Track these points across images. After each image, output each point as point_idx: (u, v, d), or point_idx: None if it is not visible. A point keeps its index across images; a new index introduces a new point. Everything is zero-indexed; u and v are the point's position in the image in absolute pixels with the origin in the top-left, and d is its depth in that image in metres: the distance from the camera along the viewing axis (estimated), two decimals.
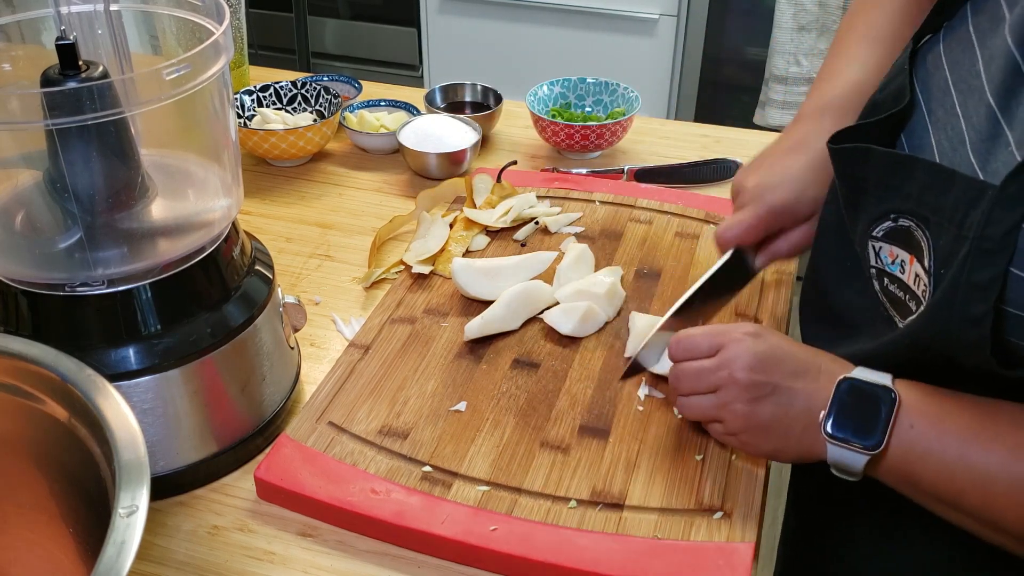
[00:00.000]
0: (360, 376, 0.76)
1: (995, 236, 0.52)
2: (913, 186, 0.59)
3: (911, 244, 0.60)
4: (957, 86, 0.60)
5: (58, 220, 0.62)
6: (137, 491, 0.45)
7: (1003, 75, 0.56)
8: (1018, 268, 0.52)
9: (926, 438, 0.58)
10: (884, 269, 0.64)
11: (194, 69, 0.59)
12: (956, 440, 0.57)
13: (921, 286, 0.60)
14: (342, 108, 1.14)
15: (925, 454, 0.58)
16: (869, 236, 0.64)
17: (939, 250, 0.57)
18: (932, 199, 0.57)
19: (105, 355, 0.62)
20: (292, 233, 1.00)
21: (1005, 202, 0.51)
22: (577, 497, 0.66)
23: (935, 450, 0.58)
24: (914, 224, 0.59)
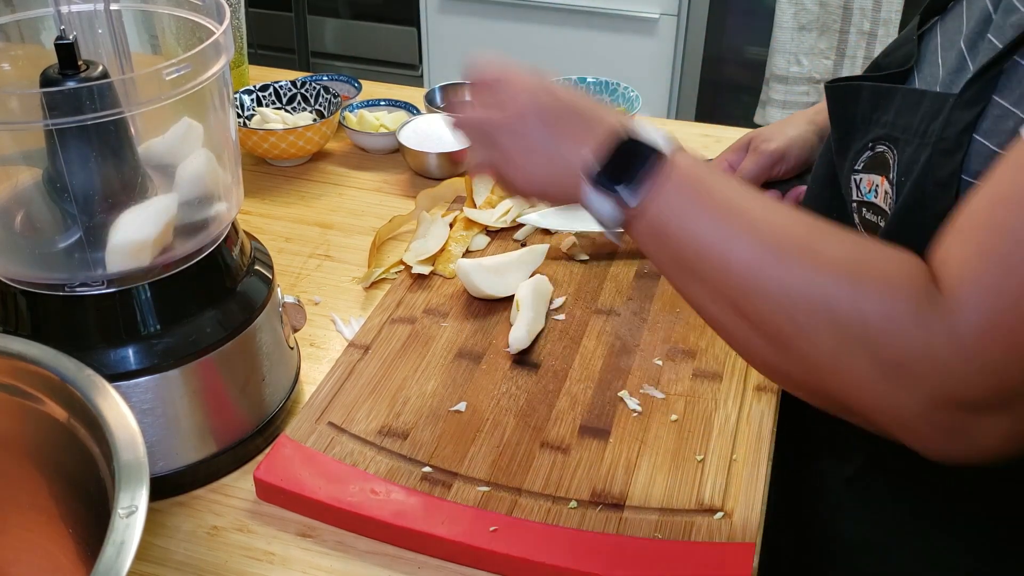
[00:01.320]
0: (360, 376, 0.76)
1: (952, 136, 0.57)
2: (891, 113, 0.64)
3: (883, 167, 0.64)
4: (942, 45, 0.66)
5: (57, 220, 0.62)
6: (136, 491, 0.45)
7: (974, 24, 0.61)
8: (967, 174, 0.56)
9: (686, 203, 0.55)
10: (863, 200, 0.67)
11: (194, 69, 0.59)
12: (714, 209, 0.54)
13: (888, 201, 0.64)
14: (342, 108, 1.14)
15: (681, 216, 0.54)
16: (852, 171, 0.68)
17: (903, 162, 0.62)
18: (903, 120, 0.63)
19: (104, 355, 0.62)
20: (292, 233, 1.00)
21: (962, 105, 0.56)
22: (577, 497, 0.66)
23: (691, 215, 0.54)
24: (887, 147, 0.64)
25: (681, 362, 0.78)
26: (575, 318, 0.83)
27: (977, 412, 0.47)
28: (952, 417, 0.48)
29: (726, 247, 0.53)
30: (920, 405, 0.48)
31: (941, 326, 0.47)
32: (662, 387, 0.75)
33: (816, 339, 0.50)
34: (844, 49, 2.27)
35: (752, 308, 0.52)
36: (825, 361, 0.50)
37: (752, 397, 0.74)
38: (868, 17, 2.21)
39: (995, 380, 0.46)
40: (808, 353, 0.50)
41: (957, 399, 0.47)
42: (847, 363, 0.49)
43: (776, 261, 0.51)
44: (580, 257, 0.92)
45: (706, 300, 0.55)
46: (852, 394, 0.50)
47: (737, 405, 0.74)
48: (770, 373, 0.56)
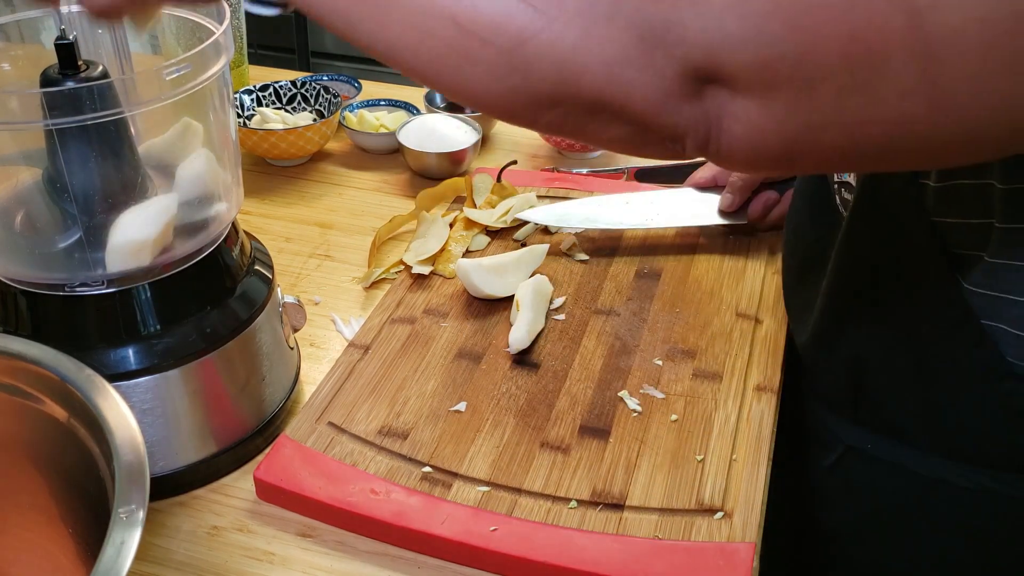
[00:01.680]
0: (360, 376, 0.76)
1: None
2: None
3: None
4: None
5: (57, 220, 0.62)
6: (136, 491, 0.45)
7: None
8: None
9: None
10: (841, 180, 0.67)
11: (194, 69, 0.59)
12: None
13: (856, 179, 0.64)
14: (342, 108, 1.14)
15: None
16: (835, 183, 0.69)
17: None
18: None
19: (104, 355, 0.62)
20: (292, 233, 1.00)
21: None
22: (577, 497, 0.66)
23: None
24: None
25: (681, 362, 0.78)
26: (575, 318, 0.83)
27: (735, 89, 0.42)
28: (708, 89, 0.43)
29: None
30: (680, 71, 0.43)
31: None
32: (662, 387, 0.75)
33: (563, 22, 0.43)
34: None
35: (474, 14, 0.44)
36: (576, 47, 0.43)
37: (752, 397, 0.74)
38: None
39: (767, 56, 0.41)
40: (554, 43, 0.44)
41: (720, 65, 0.42)
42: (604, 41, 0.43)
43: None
44: (580, 257, 0.92)
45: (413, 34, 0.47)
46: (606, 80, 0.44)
47: (737, 405, 0.74)
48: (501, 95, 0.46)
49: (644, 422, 0.72)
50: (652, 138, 0.46)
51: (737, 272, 0.89)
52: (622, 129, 0.46)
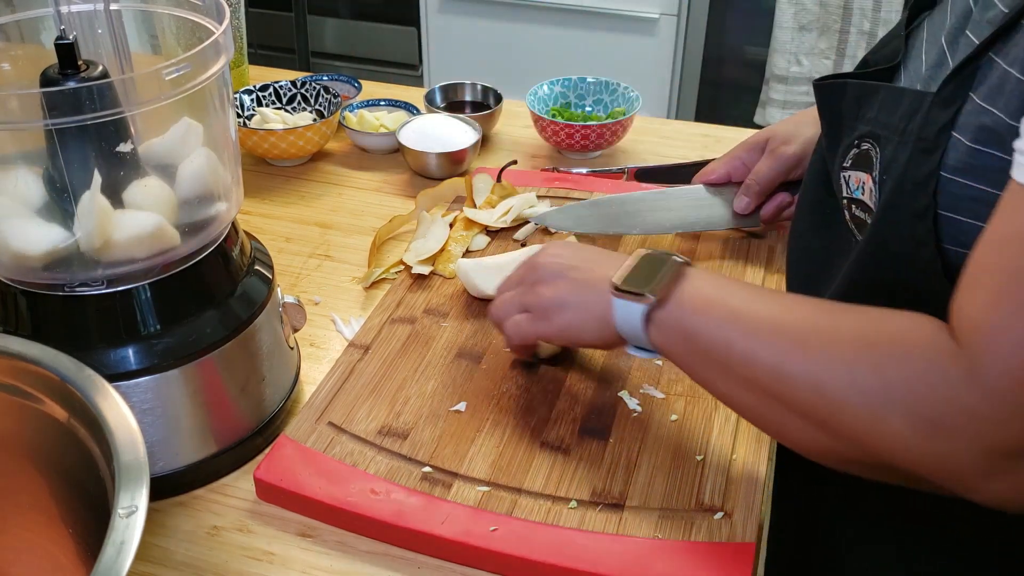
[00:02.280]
0: (360, 376, 0.76)
1: (931, 135, 0.57)
2: (874, 110, 0.65)
3: (869, 164, 0.65)
4: (927, 41, 0.66)
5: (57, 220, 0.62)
6: (136, 491, 0.45)
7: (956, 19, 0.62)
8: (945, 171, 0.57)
9: (707, 293, 0.60)
10: (852, 197, 0.68)
11: (194, 69, 0.59)
12: (737, 297, 0.59)
13: (873, 198, 0.64)
14: (342, 108, 1.14)
15: (704, 306, 0.59)
16: (841, 168, 0.69)
17: (884, 159, 0.62)
18: (885, 117, 0.63)
19: (104, 355, 0.62)
20: (292, 233, 1.00)
21: (940, 103, 0.57)
22: (577, 497, 0.66)
23: (715, 302, 0.59)
24: (871, 145, 0.64)
25: None
26: None
27: (1018, 455, 0.48)
28: (996, 464, 0.48)
29: (750, 341, 0.56)
30: (962, 456, 0.48)
31: (966, 376, 0.48)
32: (662, 387, 0.75)
33: (848, 411, 0.51)
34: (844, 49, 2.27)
35: (784, 393, 0.55)
36: (862, 431, 0.51)
37: None
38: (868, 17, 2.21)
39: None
40: (844, 426, 0.52)
41: (996, 446, 0.47)
42: (883, 429, 0.50)
43: (798, 348, 0.54)
44: None
45: (737, 392, 0.58)
46: (896, 457, 0.51)
47: None
48: (816, 451, 0.56)
49: (644, 422, 0.72)
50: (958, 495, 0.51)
51: (737, 273, 0.89)
52: (924, 486, 0.53)
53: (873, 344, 0.52)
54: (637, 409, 0.73)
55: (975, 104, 0.55)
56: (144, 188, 0.63)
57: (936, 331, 0.51)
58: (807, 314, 0.56)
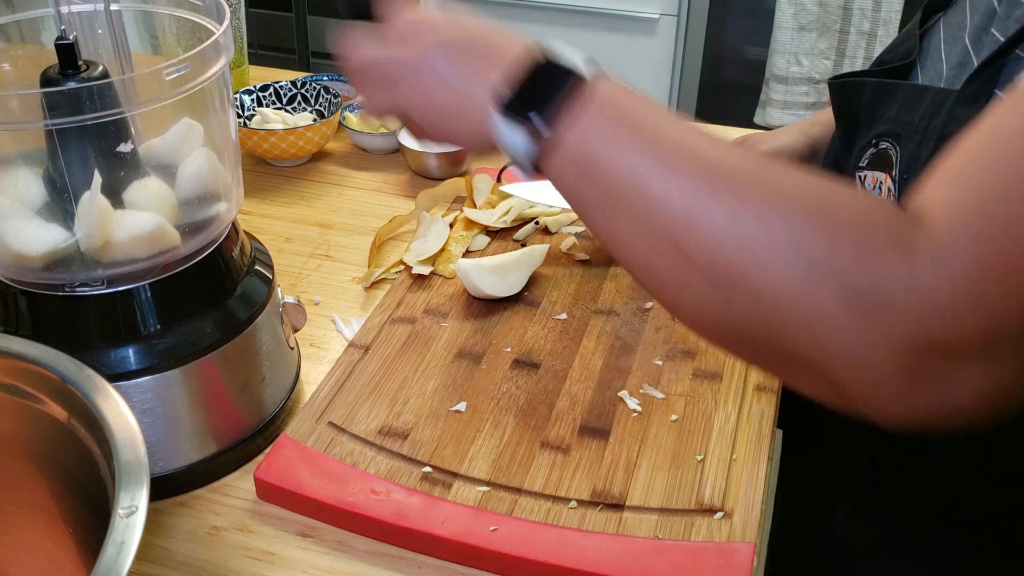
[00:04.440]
0: (360, 376, 0.76)
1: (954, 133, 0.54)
2: (893, 109, 0.64)
3: (886, 163, 0.64)
4: (946, 40, 0.65)
5: (57, 220, 0.62)
6: (137, 491, 0.45)
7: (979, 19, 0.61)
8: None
9: (612, 126, 0.48)
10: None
11: (194, 69, 0.59)
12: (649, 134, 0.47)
13: (891, 198, 0.63)
14: (342, 108, 1.14)
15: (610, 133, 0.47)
16: (856, 168, 0.68)
17: (905, 158, 0.61)
18: (905, 116, 0.62)
19: (105, 355, 0.62)
20: (292, 233, 1.00)
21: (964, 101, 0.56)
22: (577, 497, 0.66)
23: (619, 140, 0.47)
24: (890, 144, 0.63)
25: (681, 362, 0.78)
26: (575, 318, 0.83)
27: (956, 358, 0.41)
28: (926, 362, 0.41)
29: (664, 177, 0.46)
30: (893, 346, 0.41)
31: (928, 256, 0.41)
32: (662, 387, 0.75)
33: (774, 270, 0.43)
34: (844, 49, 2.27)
35: (695, 241, 0.44)
36: (782, 297, 0.43)
37: (752, 397, 0.74)
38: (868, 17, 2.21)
39: (986, 319, 0.40)
40: (761, 289, 0.43)
41: (938, 339, 0.41)
42: (810, 298, 0.42)
43: (727, 189, 0.44)
44: (580, 257, 0.92)
45: (636, 239, 0.47)
46: (810, 338, 0.43)
47: (737, 405, 0.74)
48: (706, 322, 0.47)
49: (644, 422, 0.72)
50: (852, 403, 0.44)
51: None
52: (821, 386, 0.45)
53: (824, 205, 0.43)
54: (637, 409, 0.73)
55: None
56: (144, 188, 0.63)
57: (900, 212, 0.43)
58: (745, 157, 0.46)
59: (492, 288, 0.84)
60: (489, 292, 0.84)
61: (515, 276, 0.86)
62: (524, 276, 0.86)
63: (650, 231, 0.46)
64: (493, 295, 0.84)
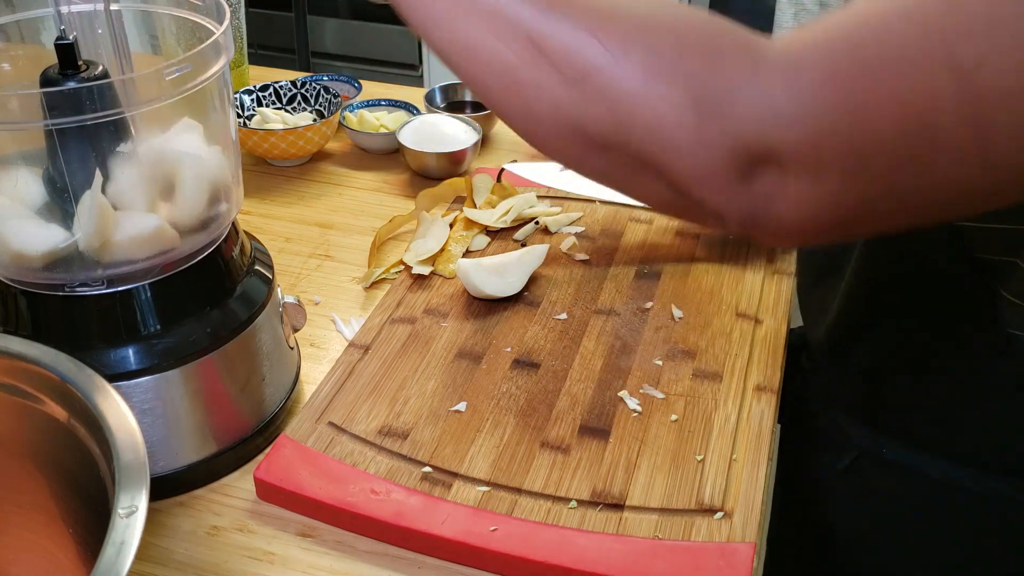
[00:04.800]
0: (360, 376, 0.76)
1: None
2: None
3: None
4: None
5: (57, 220, 0.62)
6: (137, 491, 0.45)
7: None
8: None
9: None
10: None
11: (194, 69, 0.59)
12: None
13: None
14: (342, 108, 1.14)
15: None
16: None
17: None
18: None
19: (105, 355, 0.62)
20: (292, 233, 1.00)
21: None
22: (577, 497, 0.66)
23: None
24: None
25: (681, 362, 0.78)
26: (575, 318, 0.83)
27: (785, 167, 0.42)
28: (757, 167, 0.42)
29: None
30: (729, 144, 0.42)
31: (776, 67, 0.42)
32: (662, 387, 0.75)
33: (625, 66, 0.43)
34: None
35: (550, 37, 0.44)
36: (631, 92, 0.43)
37: (752, 397, 0.74)
38: None
39: (818, 133, 0.40)
40: (612, 84, 0.43)
41: (771, 145, 0.41)
42: (657, 95, 0.42)
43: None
44: (580, 257, 0.92)
45: (489, 37, 0.46)
46: (654, 133, 0.43)
47: (737, 405, 0.74)
48: (557, 123, 0.46)
49: (644, 422, 0.72)
50: (693, 209, 0.45)
51: (737, 272, 0.89)
52: (665, 192, 0.45)
53: (677, 14, 0.45)
54: (637, 409, 0.73)
55: None
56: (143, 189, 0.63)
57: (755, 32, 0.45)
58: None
59: (492, 288, 0.84)
60: (489, 292, 0.84)
61: (515, 276, 0.86)
62: (524, 276, 0.86)
63: (507, 28, 0.45)
64: (493, 295, 0.84)
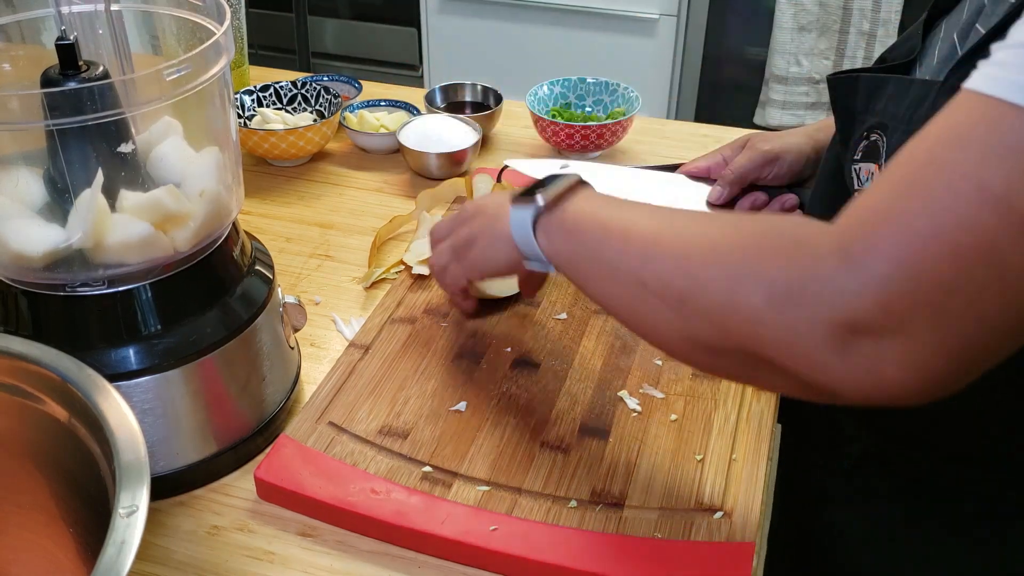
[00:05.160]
0: (360, 376, 0.76)
1: None
2: (883, 101, 0.65)
3: (876, 154, 0.65)
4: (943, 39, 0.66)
5: (58, 220, 0.62)
6: (137, 491, 0.45)
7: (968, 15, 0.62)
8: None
9: (596, 200, 0.61)
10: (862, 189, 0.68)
11: (195, 69, 0.59)
12: (629, 208, 0.59)
13: None
14: (342, 108, 1.14)
15: (591, 210, 0.60)
16: (852, 161, 0.69)
17: (891, 149, 0.62)
18: (893, 107, 0.64)
19: (105, 355, 0.62)
20: (292, 233, 1.00)
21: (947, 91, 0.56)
22: (577, 497, 0.66)
23: (602, 206, 0.60)
24: (879, 135, 0.65)
25: (680, 362, 0.78)
26: (575, 318, 0.83)
27: (874, 335, 0.44)
28: (849, 341, 0.45)
29: (628, 225, 0.56)
30: (814, 330, 0.45)
31: (829, 245, 0.46)
32: (662, 387, 0.75)
33: (709, 285, 0.50)
34: (844, 49, 2.27)
35: (651, 272, 0.53)
36: (720, 304, 0.49)
37: (752, 397, 0.75)
38: (868, 17, 2.21)
39: (888, 301, 0.44)
40: (703, 302, 0.51)
41: (851, 321, 0.44)
42: (742, 301, 0.48)
43: (672, 227, 0.54)
44: None
45: (609, 282, 0.57)
46: (752, 334, 0.48)
47: (737, 405, 0.74)
48: (674, 339, 0.54)
49: (644, 422, 0.72)
50: (813, 391, 0.48)
51: None
52: (783, 381, 0.50)
53: (743, 223, 0.52)
54: (637, 409, 0.73)
55: None
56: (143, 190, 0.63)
57: (809, 220, 0.49)
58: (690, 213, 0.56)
59: (492, 288, 0.84)
60: (489, 292, 0.84)
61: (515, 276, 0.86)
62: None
63: (618, 271, 0.56)
64: (493, 295, 0.84)
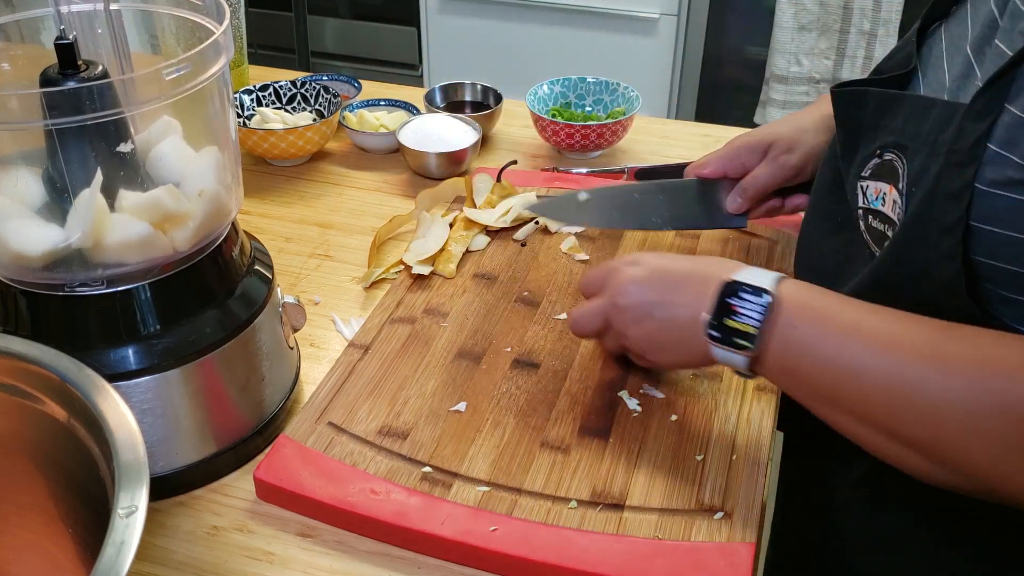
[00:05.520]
0: (360, 376, 0.76)
1: (964, 148, 0.56)
2: (899, 120, 0.64)
3: (891, 175, 0.64)
4: (948, 51, 0.65)
5: (57, 220, 0.62)
6: (136, 491, 0.45)
7: (980, 29, 0.61)
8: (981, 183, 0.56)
9: (806, 335, 0.60)
10: (869, 207, 0.67)
11: (194, 69, 0.59)
12: (836, 335, 0.58)
13: (896, 210, 0.64)
14: (342, 107, 1.14)
15: (806, 350, 0.59)
16: (859, 178, 0.68)
17: (912, 171, 0.61)
18: (912, 128, 0.62)
19: (104, 355, 0.62)
20: (292, 233, 1.00)
21: (973, 116, 0.56)
22: (577, 497, 0.66)
23: (815, 346, 0.59)
24: (895, 155, 0.64)
25: None
26: None
27: None
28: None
29: (858, 374, 0.56)
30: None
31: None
32: (662, 387, 0.75)
33: (973, 456, 0.52)
34: (844, 49, 2.27)
35: (899, 427, 0.55)
36: (984, 468, 0.52)
37: (752, 397, 0.74)
38: (868, 17, 2.21)
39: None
40: (964, 463, 0.53)
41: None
42: (1009, 468, 0.51)
43: (911, 377, 0.54)
44: (580, 257, 0.92)
45: (854, 427, 0.58)
46: (1016, 494, 0.52)
47: (737, 405, 0.74)
48: (937, 483, 0.57)
49: (644, 422, 0.72)
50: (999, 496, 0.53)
51: None
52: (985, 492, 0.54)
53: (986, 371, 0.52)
54: (637, 409, 0.73)
55: (1012, 115, 0.54)
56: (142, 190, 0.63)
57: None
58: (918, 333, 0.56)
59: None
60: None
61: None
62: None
63: (861, 420, 0.57)
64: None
